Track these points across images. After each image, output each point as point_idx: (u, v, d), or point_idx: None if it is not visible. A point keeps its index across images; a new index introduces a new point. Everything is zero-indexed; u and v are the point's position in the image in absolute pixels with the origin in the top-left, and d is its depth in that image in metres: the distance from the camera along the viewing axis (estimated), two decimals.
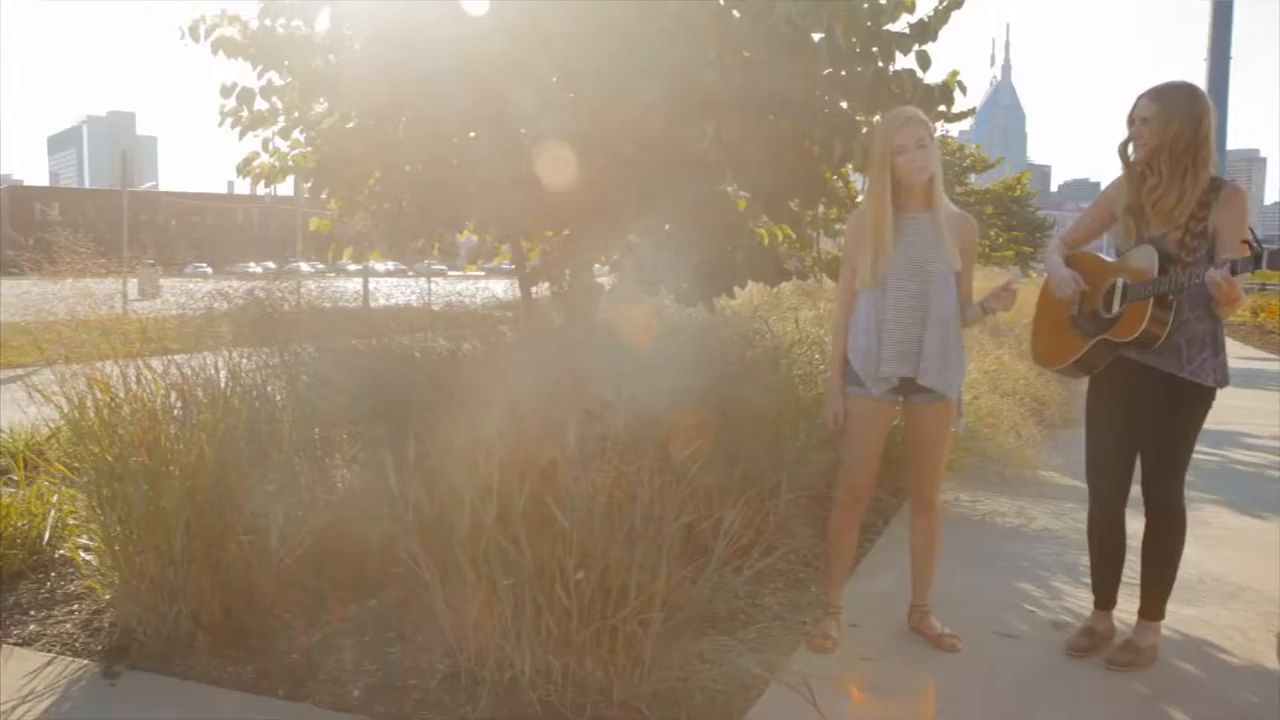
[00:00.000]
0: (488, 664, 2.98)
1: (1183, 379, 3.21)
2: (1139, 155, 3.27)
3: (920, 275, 3.33)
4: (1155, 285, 3.13)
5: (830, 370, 3.50)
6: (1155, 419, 3.28)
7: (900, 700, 3.07)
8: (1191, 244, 3.16)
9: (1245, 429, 8.38)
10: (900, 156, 3.29)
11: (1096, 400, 3.45)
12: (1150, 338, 3.15)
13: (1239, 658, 3.48)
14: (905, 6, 4.74)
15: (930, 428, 3.44)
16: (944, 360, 3.37)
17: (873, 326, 3.35)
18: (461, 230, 5.59)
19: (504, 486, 3.00)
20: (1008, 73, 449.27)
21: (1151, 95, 3.23)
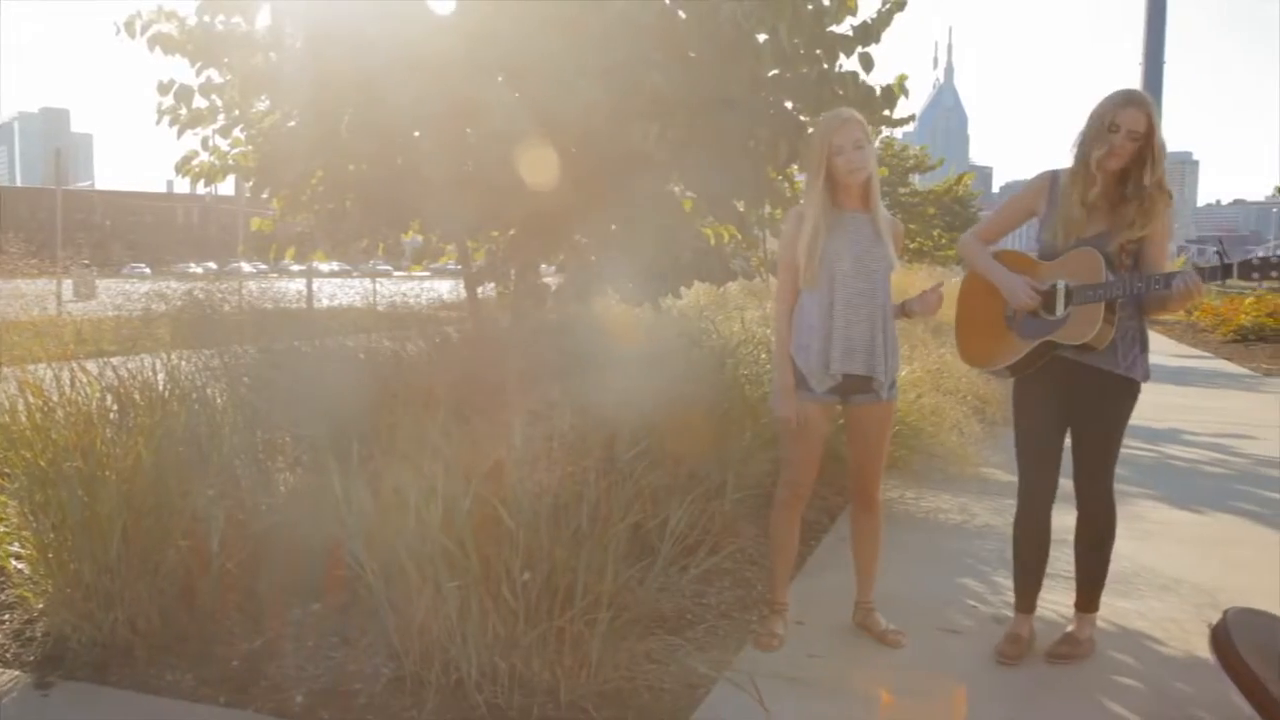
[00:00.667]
0: (433, 667, 2.95)
1: (1118, 375, 3.27)
2: (1110, 163, 3.19)
3: (867, 275, 3.37)
4: (1107, 289, 3.14)
5: (779, 371, 3.49)
6: (1091, 416, 3.33)
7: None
8: (1130, 248, 3.22)
9: (1180, 425, 8.58)
10: (838, 157, 3.32)
11: (1027, 400, 3.45)
12: (1101, 340, 3.19)
13: (1173, 649, 3.56)
14: (848, 9, 4.79)
15: (871, 427, 3.48)
16: (891, 359, 3.43)
17: (819, 325, 3.37)
18: (406, 230, 5.55)
19: (449, 488, 2.99)
20: (950, 75, 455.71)
21: (1139, 105, 3.16)
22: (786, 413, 3.43)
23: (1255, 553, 4.82)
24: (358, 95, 4.51)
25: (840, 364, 3.36)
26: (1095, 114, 3.22)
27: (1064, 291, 3.25)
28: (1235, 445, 7.78)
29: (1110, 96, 3.22)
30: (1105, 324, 3.16)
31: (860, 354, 3.38)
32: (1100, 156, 3.17)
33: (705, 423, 4.32)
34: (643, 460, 3.28)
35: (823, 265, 3.35)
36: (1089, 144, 3.21)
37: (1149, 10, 25.02)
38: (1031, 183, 3.49)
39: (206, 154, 5.35)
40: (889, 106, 4.86)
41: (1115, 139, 3.16)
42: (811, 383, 3.40)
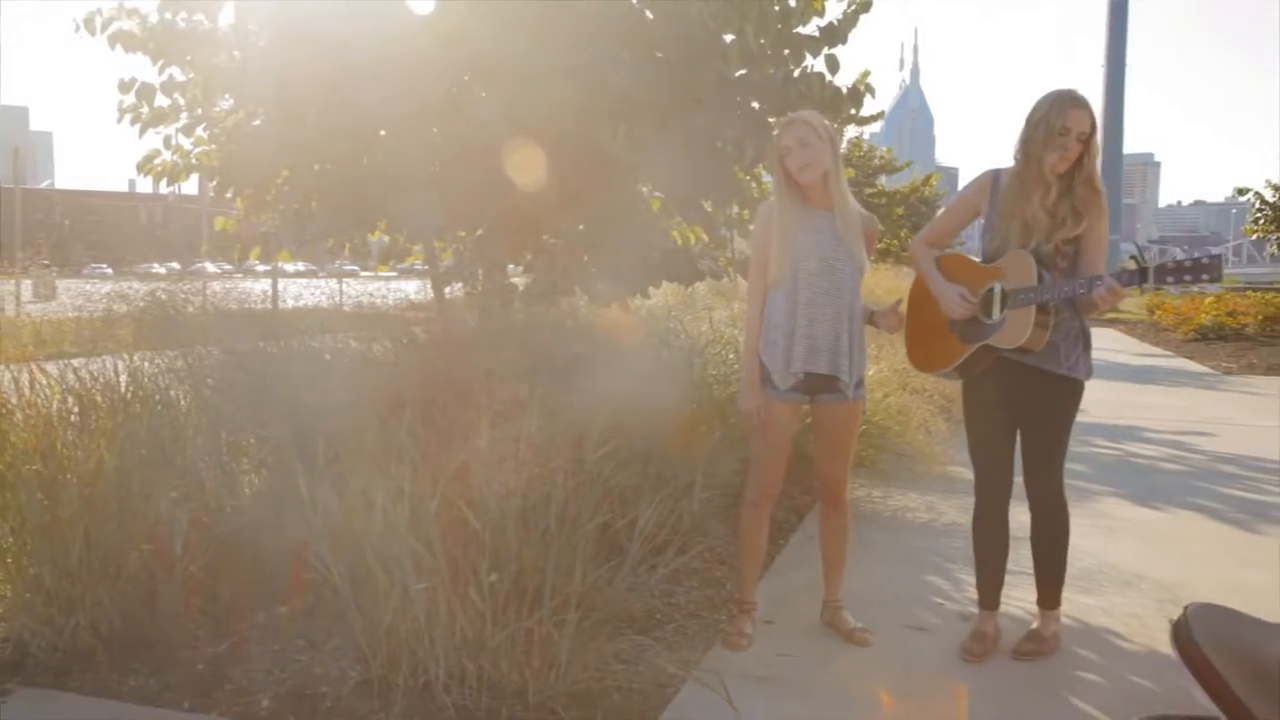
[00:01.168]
0: (401, 669, 2.94)
1: (1061, 375, 3.31)
2: (1060, 167, 3.21)
3: (832, 273, 3.38)
4: (1037, 293, 3.18)
5: (745, 367, 3.51)
6: (1036, 416, 3.37)
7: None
8: (1065, 249, 3.26)
9: (1142, 423, 8.69)
10: (787, 158, 3.34)
11: (975, 401, 3.49)
12: (1035, 343, 3.22)
13: (1136, 644, 3.60)
14: (815, 9, 4.81)
15: (837, 426, 3.50)
16: (856, 359, 3.44)
17: (783, 323, 3.39)
18: (373, 230, 5.51)
19: (416, 489, 2.97)
20: (916, 77, 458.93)
21: (1084, 106, 3.19)
22: (749, 407, 3.44)
23: (1215, 548, 4.89)
24: (323, 94, 4.48)
25: (803, 363, 3.37)
26: (1040, 118, 3.21)
27: (999, 295, 3.28)
28: (1195, 443, 7.89)
29: (1053, 99, 3.22)
30: (1038, 327, 3.19)
31: (824, 353, 3.39)
32: (1054, 161, 3.20)
33: (673, 422, 4.32)
34: (611, 460, 3.27)
35: (789, 264, 3.36)
36: (1041, 148, 3.21)
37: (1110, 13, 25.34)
38: (973, 183, 3.51)
39: (169, 153, 5.29)
40: (855, 106, 4.89)
41: (1066, 141, 3.18)
42: (776, 380, 3.41)
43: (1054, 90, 3.28)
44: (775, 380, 3.41)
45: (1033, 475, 3.41)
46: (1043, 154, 3.20)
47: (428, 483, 2.98)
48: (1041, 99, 3.27)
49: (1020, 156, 3.29)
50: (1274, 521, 5.39)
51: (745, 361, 3.52)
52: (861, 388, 3.51)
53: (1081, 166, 3.23)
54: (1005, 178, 3.35)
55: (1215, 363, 15.09)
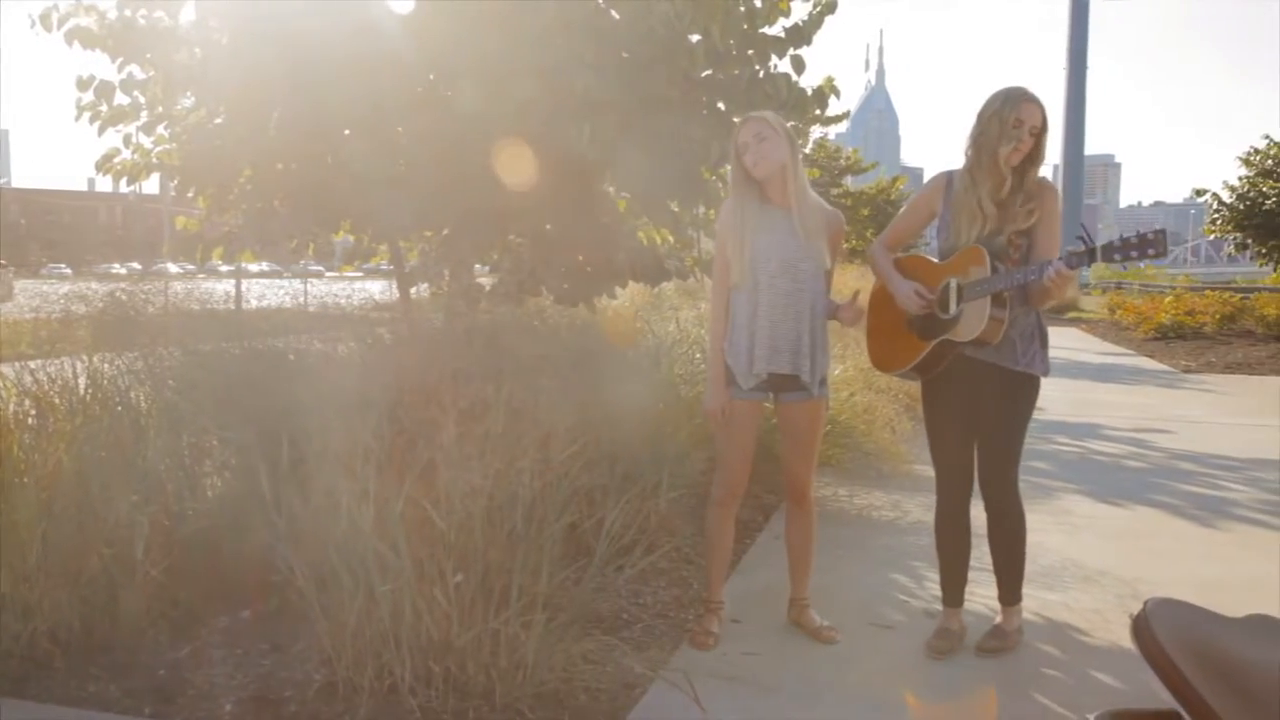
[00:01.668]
0: (366, 672, 2.91)
1: (1018, 371, 3.34)
2: (1014, 159, 3.25)
3: (793, 274, 3.39)
4: (990, 283, 3.20)
5: (710, 367, 3.52)
6: (994, 412, 3.40)
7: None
8: (1018, 241, 3.29)
9: (1103, 421, 8.80)
10: (744, 155, 3.35)
11: (935, 401, 3.51)
12: (990, 335, 3.25)
13: (1097, 639, 3.65)
14: (780, 10, 4.84)
15: (802, 425, 3.51)
16: (819, 358, 3.46)
17: (745, 324, 3.40)
18: (337, 230, 5.47)
19: (381, 490, 2.95)
20: (882, 78, 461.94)
21: (1036, 101, 3.25)
22: (714, 408, 3.45)
23: (1173, 544, 4.96)
24: (286, 93, 4.44)
25: (765, 364, 3.39)
26: (994, 112, 3.25)
27: (955, 290, 3.31)
28: (1155, 440, 8.00)
29: (1005, 94, 3.27)
30: (993, 320, 3.22)
31: (786, 353, 3.40)
32: (1008, 153, 3.23)
33: (640, 422, 4.33)
34: (578, 460, 3.27)
35: (749, 265, 3.37)
36: (995, 141, 3.24)
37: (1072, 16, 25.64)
38: (928, 184, 3.55)
39: (129, 152, 5.22)
40: (820, 106, 4.92)
41: (1020, 134, 3.22)
42: (740, 380, 3.42)
43: (1005, 87, 3.34)
44: (739, 380, 3.42)
45: (987, 472, 3.44)
46: (996, 147, 3.24)
47: (393, 483, 2.96)
48: (993, 95, 3.31)
49: (972, 151, 3.33)
50: (1231, 517, 5.48)
51: (710, 362, 3.53)
52: (824, 386, 3.52)
53: (1034, 161, 3.28)
54: (959, 176, 3.39)
55: (1174, 361, 15.31)
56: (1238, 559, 4.70)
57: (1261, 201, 16.92)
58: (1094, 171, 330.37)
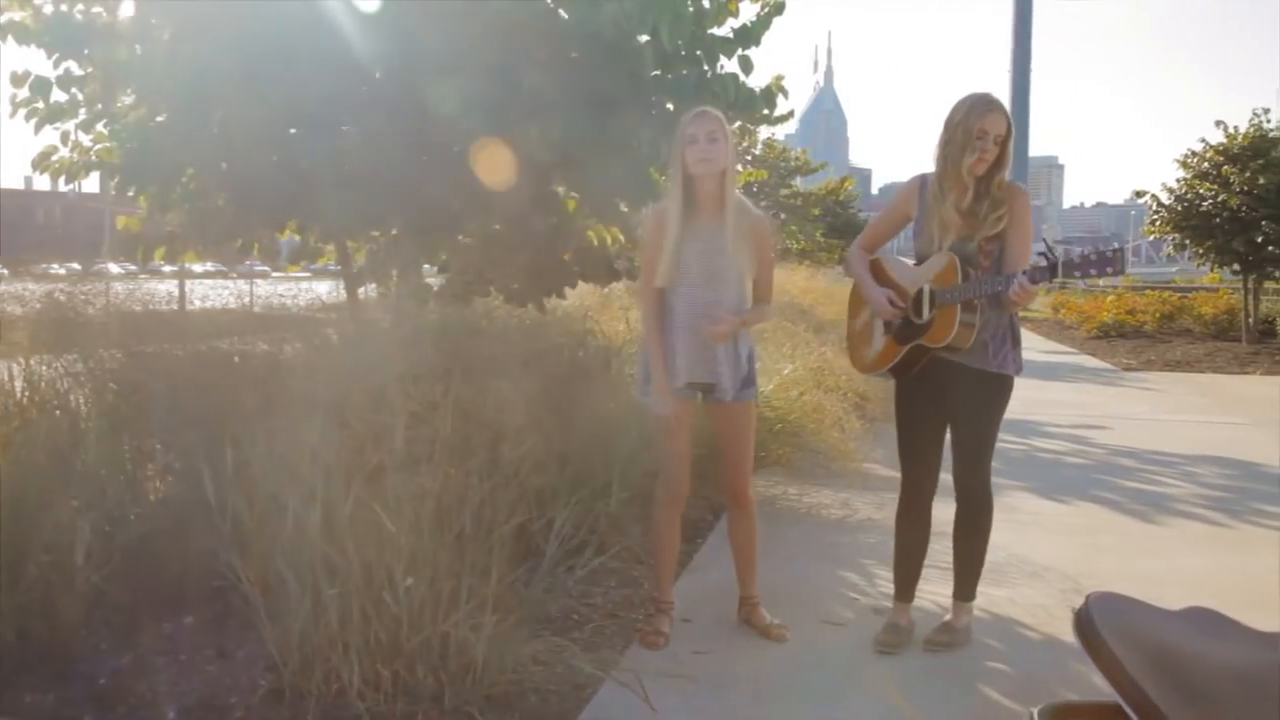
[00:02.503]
0: (314, 677, 2.88)
1: (990, 372, 3.39)
2: (979, 169, 3.30)
3: (716, 284, 3.40)
4: (960, 291, 3.27)
5: (654, 371, 3.50)
6: (967, 411, 3.45)
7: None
8: (988, 248, 3.35)
9: (1047, 419, 8.94)
10: (690, 146, 3.32)
11: (907, 399, 3.56)
12: (961, 341, 3.31)
13: (1041, 633, 3.71)
14: (729, 11, 4.86)
15: (733, 426, 3.53)
16: (740, 364, 3.47)
17: (668, 330, 3.41)
18: (283, 230, 5.39)
19: (329, 493, 2.92)
20: (830, 79, 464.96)
21: (999, 110, 3.29)
22: (665, 410, 3.45)
23: (1115, 539, 5.06)
24: (229, 91, 4.37)
25: (687, 373, 3.42)
26: (957, 122, 3.30)
27: (928, 295, 3.36)
28: (1097, 437, 8.15)
29: (971, 103, 3.31)
30: (963, 325, 3.28)
31: (706, 363, 3.42)
32: (971, 163, 3.28)
33: (590, 423, 4.32)
34: (527, 461, 3.26)
35: (674, 273, 3.38)
36: (959, 151, 3.29)
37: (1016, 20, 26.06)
38: (903, 188, 3.61)
39: (67, 150, 5.10)
40: (769, 107, 4.94)
41: (984, 144, 3.27)
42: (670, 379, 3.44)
43: (970, 94, 3.36)
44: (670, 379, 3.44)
45: (962, 469, 3.49)
46: (961, 157, 3.29)
47: (341, 486, 2.93)
48: (958, 103, 3.35)
49: (940, 160, 3.38)
50: (1171, 512, 5.60)
51: (654, 367, 3.49)
52: (750, 389, 3.53)
53: (1000, 166, 3.32)
54: (930, 181, 3.43)
55: (1116, 359, 15.61)
56: (1177, 553, 4.80)
57: (1198, 203, 17.26)
58: (1038, 173, 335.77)
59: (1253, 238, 16.43)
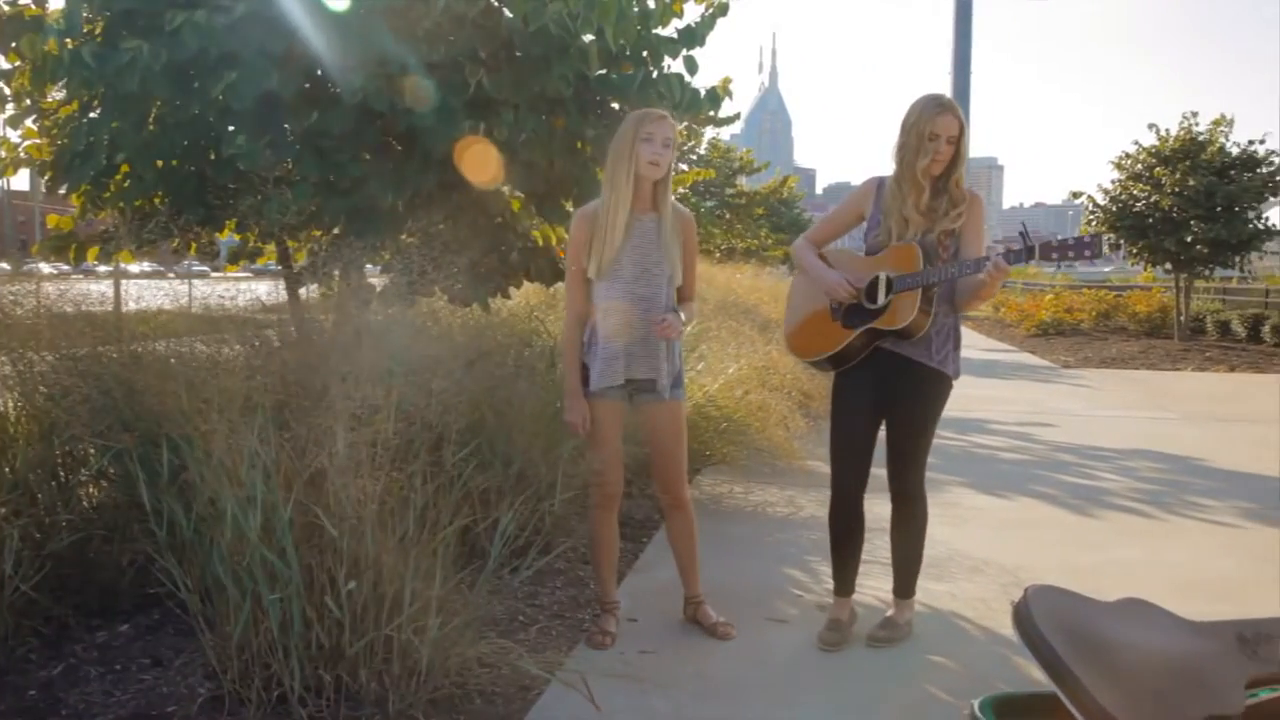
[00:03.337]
0: (254, 683, 2.83)
1: (931, 368, 3.44)
2: (934, 169, 3.37)
3: (650, 280, 3.44)
4: (924, 276, 3.32)
5: (568, 377, 3.51)
6: (904, 408, 3.49)
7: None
8: (946, 242, 3.41)
9: (986, 415, 9.09)
10: (645, 144, 3.34)
11: (844, 393, 3.59)
12: (917, 326, 3.35)
13: (982, 627, 3.77)
14: (673, 12, 4.86)
15: (667, 425, 3.54)
16: (674, 361, 3.51)
17: (602, 330, 3.42)
18: (221, 229, 5.29)
19: (269, 496, 2.87)
20: (775, 80, 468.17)
21: (952, 111, 3.36)
22: (574, 418, 3.48)
23: (1053, 532, 5.16)
24: (165, 86, 4.28)
25: (624, 371, 3.43)
26: (912, 124, 3.37)
27: (885, 282, 3.40)
28: (1036, 433, 8.30)
29: (922, 106, 3.38)
30: (921, 312, 3.32)
31: (642, 359, 3.45)
32: (926, 165, 3.34)
33: (535, 423, 4.30)
34: (471, 462, 3.23)
35: (609, 270, 3.40)
36: (913, 154, 3.37)
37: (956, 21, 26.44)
38: (859, 188, 3.67)
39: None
40: (714, 108, 4.96)
41: (936, 146, 3.34)
42: (595, 382, 3.44)
43: (923, 97, 3.43)
44: (594, 381, 3.44)
45: (897, 467, 3.53)
46: (916, 159, 3.36)
47: (281, 490, 2.89)
48: (912, 106, 3.42)
49: (897, 162, 3.46)
50: (1107, 506, 5.72)
51: (567, 372, 3.53)
52: (680, 388, 3.56)
53: (955, 165, 3.39)
54: (888, 183, 3.50)
55: (1054, 357, 15.93)
56: (1113, 545, 4.90)
57: (1132, 204, 17.67)
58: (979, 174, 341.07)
59: (1183, 237, 16.86)
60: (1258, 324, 17.55)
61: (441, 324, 4.84)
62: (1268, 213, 17.17)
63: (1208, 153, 17.22)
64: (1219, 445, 7.80)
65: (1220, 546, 4.90)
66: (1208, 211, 16.68)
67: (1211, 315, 19.61)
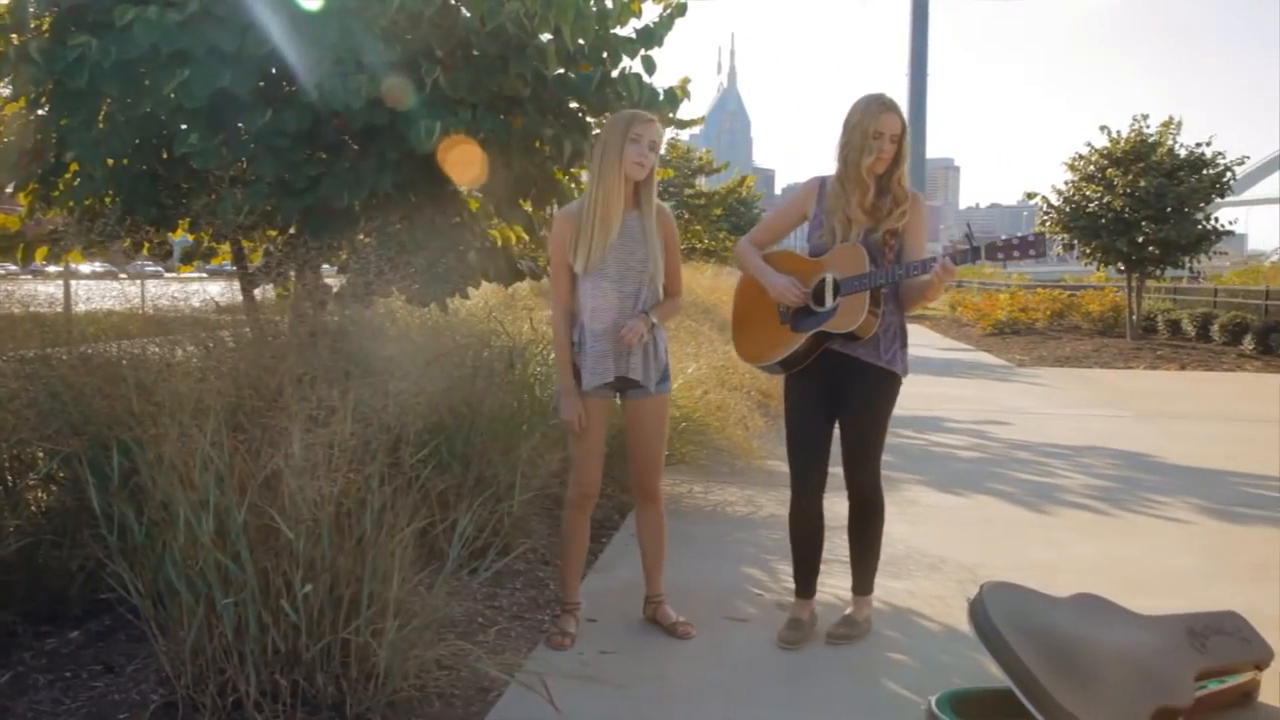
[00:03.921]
0: (208, 689, 2.79)
1: (880, 367, 3.46)
2: (878, 168, 3.39)
3: (635, 277, 3.45)
4: (871, 278, 3.34)
5: (560, 374, 3.51)
6: (856, 407, 3.51)
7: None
8: (891, 242, 3.43)
9: (944, 414, 9.18)
10: (633, 145, 3.37)
11: (796, 394, 3.60)
12: (867, 328, 3.37)
13: (939, 623, 3.80)
14: (632, 12, 4.86)
15: (650, 420, 3.55)
16: (662, 355, 3.53)
17: (590, 326, 3.42)
18: (174, 229, 5.22)
19: (222, 500, 2.83)
20: (734, 80, 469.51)
21: (894, 110, 3.39)
22: (570, 415, 3.46)
23: (1010, 529, 5.22)
24: (115, 84, 4.21)
25: (615, 368, 3.43)
26: (855, 124, 3.40)
27: (831, 283, 3.41)
28: (992, 431, 8.40)
29: (865, 105, 3.40)
30: (870, 314, 3.34)
31: (629, 355, 3.46)
32: (870, 163, 3.36)
33: (493, 424, 4.29)
34: (430, 463, 3.21)
35: (597, 267, 3.40)
36: (858, 153, 3.38)
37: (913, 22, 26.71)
38: (801, 188, 3.68)
39: None
40: (673, 108, 4.97)
41: (881, 144, 3.36)
42: (587, 379, 3.44)
43: (865, 96, 3.45)
44: (586, 380, 3.44)
45: (852, 466, 3.54)
46: (860, 158, 3.37)
47: (235, 493, 2.85)
48: (854, 106, 3.44)
49: (840, 161, 3.46)
50: (1062, 503, 5.79)
51: (560, 369, 3.52)
52: (666, 381, 3.58)
53: (898, 163, 3.41)
54: (830, 182, 3.50)
55: (1010, 355, 16.13)
56: (1068, 542, 4.97)
57: (1085, 205, 17.94)
58: (935, 174, 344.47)
59: (1135, 238, 17.14)
60: (1207, 323, 17.88)
61: (399, 325, 4.80)
62: (1216, 214, 17.50)
63: (1157, 154, 17.52)
64: (1170, 442, 7.94)
65: (1172, 542, 4.98)
66: (1158, 212, 16.98)
67: (1163, 314, 19.96)
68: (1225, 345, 16.82)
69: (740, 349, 3.73)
